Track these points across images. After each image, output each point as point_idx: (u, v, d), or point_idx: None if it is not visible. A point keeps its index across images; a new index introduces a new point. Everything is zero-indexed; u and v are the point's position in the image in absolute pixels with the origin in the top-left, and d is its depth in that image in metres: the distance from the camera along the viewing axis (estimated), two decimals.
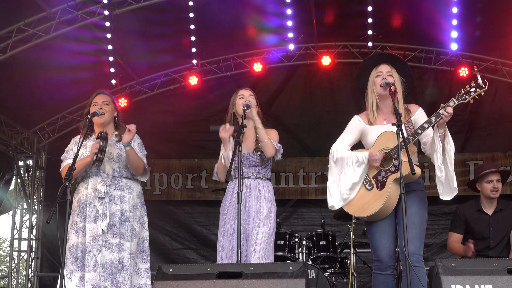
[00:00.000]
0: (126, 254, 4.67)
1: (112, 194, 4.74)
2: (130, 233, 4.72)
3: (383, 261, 4.31)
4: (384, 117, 4.48)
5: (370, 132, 4.48)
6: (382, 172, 4.34)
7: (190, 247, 9.84)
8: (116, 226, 4.68)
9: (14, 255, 10.01)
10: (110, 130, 4.94)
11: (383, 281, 4.33)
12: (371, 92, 4.51)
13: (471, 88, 4.28)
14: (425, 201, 4.40)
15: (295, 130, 9.81)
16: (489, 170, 5.85)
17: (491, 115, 9.41)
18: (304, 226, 9.36)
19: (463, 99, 4.28)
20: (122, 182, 4.82)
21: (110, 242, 4.64)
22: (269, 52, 9.66)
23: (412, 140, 4.25)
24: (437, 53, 9.43)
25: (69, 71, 8.53)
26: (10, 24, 7.73)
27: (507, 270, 3.42)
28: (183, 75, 9.85)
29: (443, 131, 4.21)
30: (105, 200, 4.70)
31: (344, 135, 4.60)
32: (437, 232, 9.20)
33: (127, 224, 4.72)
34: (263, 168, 4.83)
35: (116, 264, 4.62)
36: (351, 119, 4.63)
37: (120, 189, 4.79)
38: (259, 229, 4.60)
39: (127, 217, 4.73)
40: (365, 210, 4.35)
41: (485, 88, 4.25)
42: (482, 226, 5.83)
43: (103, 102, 4.93)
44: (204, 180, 9.86)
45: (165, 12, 8.08)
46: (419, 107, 4.55)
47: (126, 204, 4.76)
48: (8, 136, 9.45)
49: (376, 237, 4.36)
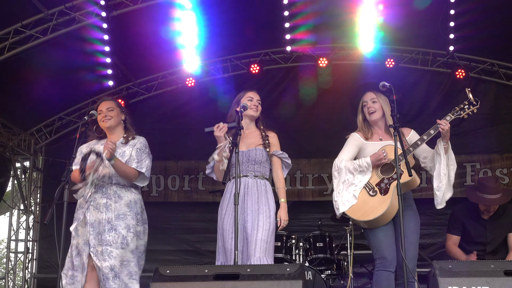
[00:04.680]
0: (117, 261, 4.62)
1: (97, 202, 4.72)
2: (119, 241, 4.66)
3: (387, 258, 4.44)
4: (379, 136, 4.74)
5: (368, 147, 4.70)
6: (385, 179, 4.55)
7: (188, 248, 9.83)
8: (101, 234, 4.64)
9: (11, 257, 10.00)
10: (119, 133, 4.96)
11: (386, 277, 4.42)
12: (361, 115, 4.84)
13: (464, 106, 4.70)
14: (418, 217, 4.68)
15: (292, 132, 9.80)
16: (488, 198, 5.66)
17: (488, 117, 9.42)
18: (301, 227, 9.34)
19: (458, 114, 4.69)
20: (110, 190, 4.77)
21: (97, 249, 4.63)
22: (266, 53, 9.67)
23: (412, 150, 4.54)
24: (434, 55, 9.46)
25: (66, 72, 8.53)
26: (7, 26, 7.72)
27: (504, 272, 3.43)
28: (180, 77, 9.86)
29: (446, 144, 4.54)
30: (90, 206, 4.69)
31: (345, 151, 4.78)
32: (433, 233, 9.20)
33: (114, 232, 4.67)
34: (262, 167, 4.83)
35: (108, 270, 4.58)
36: (350, 135, 4.83)
37: (107, 197, 4.75)
38: (259, 228, 4.59)
39: (114, 225, 4.69)
40: (369, 214, 4.49)
41: (477, 106, 4.69)
42: (479, 231, 5.81)
43: (108, 109, 4.93)
44: (201, 181, 9.85)
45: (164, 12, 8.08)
46: (411, 129, 4.81)
47: (112, 213, 4.71)
48: (5, 137, 9.44)
49: (380, 237, 4.51)
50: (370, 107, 4.72)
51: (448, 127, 4.49)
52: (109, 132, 4.95)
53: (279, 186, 4.87)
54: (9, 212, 10.42)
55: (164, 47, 8.80)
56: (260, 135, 4.93)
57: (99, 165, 4.68)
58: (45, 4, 7.60)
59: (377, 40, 8.65)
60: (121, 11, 7.84)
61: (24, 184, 10.09)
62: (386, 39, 8.92)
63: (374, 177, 4.58)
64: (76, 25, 7.83)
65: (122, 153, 4.81)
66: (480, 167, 9.38)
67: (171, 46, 8.72)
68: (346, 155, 4.72)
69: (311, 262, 7.12)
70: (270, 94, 9.80)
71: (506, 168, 9.29)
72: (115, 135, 4.95)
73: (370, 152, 4.62)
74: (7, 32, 7.76)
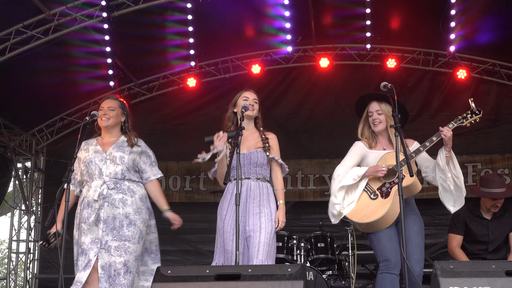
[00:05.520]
0: (132, 256, 4.67)
1: (113, 197, 4.74)
2: (137, 235, 4.73)
3: (392, 260, 4.44)
4: (383, 146, 4.77)
5: (370, 155, 4.73)
6: (387, 184, 4.58)
7: (189, 249, 9.84)
8: (116, 229, 4.67)
9: (12, 257, 10.01)
10: (115, 133, 4.99)
11: (390, 280, 4.41)
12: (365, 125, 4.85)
13: (467, 115, 4.74)
14: (422, 221, 4.71)
15: (293, 132, 9.80)
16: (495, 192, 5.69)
17: (489, 117, 9.41)
18: (302, 228, 9.34)
19: (461, 122, 4.70)
20: (124, 185, 4.82)
21: (109, 245, 4.63)
22: (268, 54, 9.68)
23: (414, 156, 4.55)
24: (435, 55, 9.47)
25: (68, 73, 8.54)
26: (9, 26, 7.73)
27: (505, 272, 3.42)
28: (182, 77, 9.87)
29: (449, 153, 4.55)
30: (105, 203, 4.70)
31: (348, 158, 4.80)
32: (434, 233, 9.19)
33: (133, 227, 4.72)
34: (263, 169, 4.84)
35: (121, 266, 4.60)
36: (354, 144, 4.85)
37: (122, 192, 4.79)
38: (261, 231, 4.59)
39: (132, 220, 4.73)
40: (369, 216, 4.52)
41: (479, 115, 4.72)
42: (481, 230, 5.81)
43: (109, 108, 4.95)
44: (202, 182, 9.86)
45: (164, 13, 8.09)
46: (415, 141, 4.81)
47: (130, 207, 4.76)
48: (7, 138, 9.45)
49: (384, 241, 4.52)
50: (375, 119, 4.75)
51: (450, 134, 4.50)
52: (106, 131, 4.96)
53: (277, 188, 4.88)
54: (11, 213, 10.46)
55: (165, 48, 8.81)
56: (260, 137, 4.92)
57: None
58: (47, 4, 7.60)
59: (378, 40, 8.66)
60: (122, 12, 7.84)
61: (25, 185, 10.11)
62: (388, 39, 8.93)
63: (375, 181, 4.61)
64: (78, 26, 7.84)
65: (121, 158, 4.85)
66: (482, 167, 9.38)
67: (173, 47, 8.74)
68: (349, 163, 4.75)
69: (312, 262, 7.11)
70: (271, 94, 9.80)
71: (507, 168, 9.28)
72: (111, 134, 4.98)
73: (372, 160, 4.67)
74: (9, 32, 7.77)
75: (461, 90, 9.36)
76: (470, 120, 4.71)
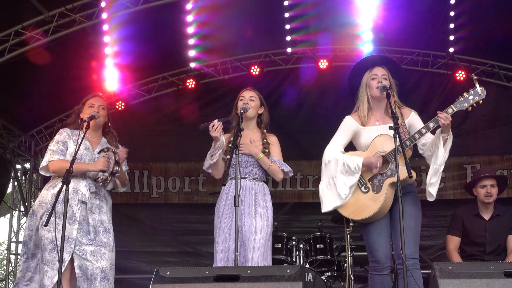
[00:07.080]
0: (108, 263, 4.61)
1: (92, 202, 4.69)
2: (112, 244, 4.69)
3: (380, 261, 4.30)
4: (377, 118, 4.49)
5: (363, 133, 4.48)
6: (378, 175, 4.35)
7: (188, 250, 9.83)
8: (92, 235, 4.61)
9: (11, 258, 10.00)
10: (99, 134, 4.98)
11: (380, 281, 4.32)
12: (365, 93, 4.53)
13: (469, 96, 4.30)
14: (419, 203, 4.42)
15: (293, 133, 9.80)
16: (483, 175, 5.85)
17: (488, 119, 9.42)
18: (301, 229, 9.34)
19: (462, 106, 4.30)
20: (101, 192, 4.80)
21: (85, 248, 4.56)
22: (267, 55, 9.68)
23: (409, 145, 4.28)
24: (434, 56, 9.46)
25: (67, 74, 8.53)
26: (8, 27, 7.72)
27: (504, 273, 3.42)
28: (181, 79, 9.86)
29: (447, 135, 4.22)
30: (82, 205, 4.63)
31: (337, 137, 4.59)
32: (433, 235, 9.19)
33: (108, 235, 4.69)
34: (260, 170, 4.84)
35: (98, 271, 4.54)
36: (343, 119, 4.61)
37: (99, 198, 4.76)
38: (257, 231, 4.59)
39: (107, 228, 4.72)
40: (360, 213, 4.35)
41: (483, 97, 4.26)
42: (479, 231, 5.82)
43: (100, 106, 4.93)
44: (201, 183, 9.85)
45: (164, 14, 8.09)
46: (412, 110, 4.54)
47: (105, 215, 4.74)
48: (6, 139, 9.45)
49: (373, 237, 4.34)
50: (380, 82, 4.42)
51: (448, 122, 4.13)
52: (93, 129, 4.86)
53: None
54: (10, 214, 10.43)
55: (164, 49, 8.80)
56: (261, 139, 4.91)
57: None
58: (46, 5, 7.60)
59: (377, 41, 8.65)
60: (121, 13, 7.84)
61: (24, 186, 10.10)
62: (387, 40, 8.92)
63: (367, 171, 4.36)
64: (77, 27, 7.84)
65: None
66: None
67: (172, 48, 8.74)
68: (339, 142, 4.52)
69: (311, 263, 7.12)
70: (270, 95, 9.78)
71: (506, 170, 9.28)
72: (97, 133, 4.95)
73: (365, 139, 4.43)
74: (8, 33, 7.76)
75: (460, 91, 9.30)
76: (472, 103, 4.25)
